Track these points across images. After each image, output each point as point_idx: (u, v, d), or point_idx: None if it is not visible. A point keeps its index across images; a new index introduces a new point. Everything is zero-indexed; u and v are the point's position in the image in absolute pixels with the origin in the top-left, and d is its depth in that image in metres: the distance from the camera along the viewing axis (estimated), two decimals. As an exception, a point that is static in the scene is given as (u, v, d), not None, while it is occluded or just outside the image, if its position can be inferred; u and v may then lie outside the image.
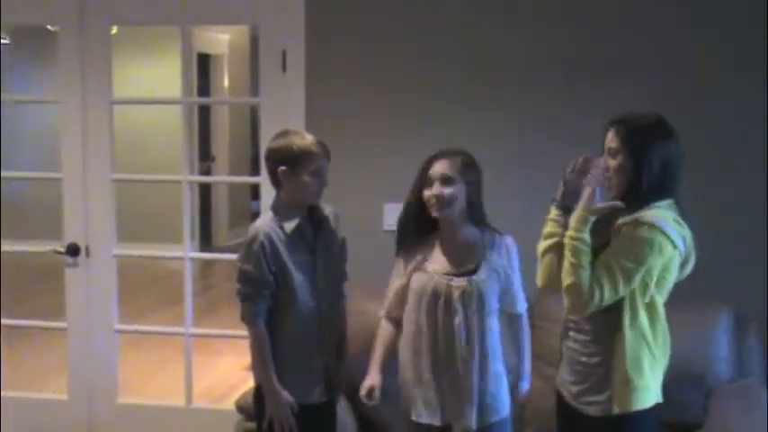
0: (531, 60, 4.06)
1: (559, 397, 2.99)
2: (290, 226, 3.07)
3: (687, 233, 2.76)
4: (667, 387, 2.93)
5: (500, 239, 3.09)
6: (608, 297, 2.69)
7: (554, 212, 2.90)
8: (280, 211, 3.11)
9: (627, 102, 3.83)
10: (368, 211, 4.19)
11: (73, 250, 4.46)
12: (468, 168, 3.05)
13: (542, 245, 2.92)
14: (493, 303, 3.04)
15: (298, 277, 3.08)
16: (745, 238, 3.94)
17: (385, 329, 3.23)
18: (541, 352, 3.74)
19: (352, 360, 3.61)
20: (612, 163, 2.78)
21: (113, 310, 4.55)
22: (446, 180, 3.01)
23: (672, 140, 2.78)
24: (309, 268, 3.11)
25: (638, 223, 2.69)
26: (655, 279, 2.71)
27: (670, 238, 2.68)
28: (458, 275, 3.04)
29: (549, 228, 2.90)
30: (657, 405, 2.81)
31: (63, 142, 4.46)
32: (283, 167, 3.05)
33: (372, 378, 3.16)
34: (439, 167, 3.03)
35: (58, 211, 4.53)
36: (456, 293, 3.01)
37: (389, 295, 3.20)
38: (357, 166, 4.20)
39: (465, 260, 3.06)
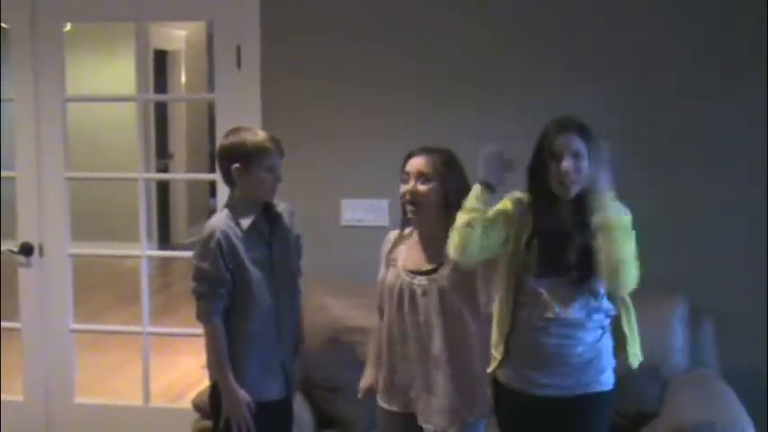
0: (494, 52, 4.06)
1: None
2: (245, 223, 3.06)
3: None
4: (623, 378, 2.97)
5: None
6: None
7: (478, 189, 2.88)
8: (235, 208, 3.10)
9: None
10: (326, 207, 4.18)
11: (26, 250, 4.41)
12: (447, 167, 3.02)
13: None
14: (455, 302, 3.00)
15: (255, 274, 3.06)
16: (699, 229, 3.97)
17: (377, 326, 3.23)
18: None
19: (311, 356, 3.61)
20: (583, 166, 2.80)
21: (68, 310, 4.50)
22: (422, 177, 3.00)
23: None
24: (266, 265, 3.10)
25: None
26: None
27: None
28: (421, 274, 3.04)
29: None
30: None
31: (16, 140, 4.40)
32: (237, 165, 3.03)
33: (367, 379, 3.25)
34: (415, 164, 3.02)
35: (12, 210, 4.48)
36: (418, 292, 3.02)
37: (378, 286, 3.20)
38: (314, 162, 4.18)
39: (432, 258, 3.05)
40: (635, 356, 2.92)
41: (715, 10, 3.90)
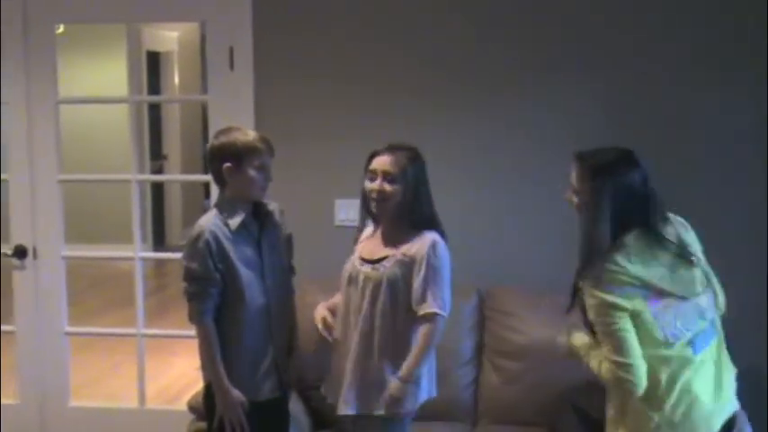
0: (488, 55, 4.06)
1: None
2: (234, 222, 3.06)
3: (639, 267, 2.72)
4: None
5: (425, 234, 3.06)
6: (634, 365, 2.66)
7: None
8: (224, 208, 3.10)
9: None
10: (319, 206, 4.18)
11: (20, 252, 4.40)
12: (411, 166, 3.05)
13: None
14: (389, 292, 3.04)
15: (245, 273, 3.06)
16: (696, 227, 3.95)
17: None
18: (492, 343, 3.78)
19: (305, 355, 3.60)
20: (575, 200, 2.82)
21: (63, 313, 4.50)
22: (388, 176, 3.04)
23: (625, 176, 2.77)
24: (256, 264, 3.10)
25: (585, 283, 2.72)
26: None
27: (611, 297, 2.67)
28: (370, 262, 3.10)
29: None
30: None
31: (8, 143, 4.39)
32: (228, 164, 3.03)
33: (319, 310, 3.26)
34: (381, 162, 3.05)
35: (5, 213, 4.47)
36: (361, 277, 3.09)
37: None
38: (308, 162, 4.19)
39: (384, 250, 3.10)
40: None
41: (715, 10, 3.90)
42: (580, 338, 2.85)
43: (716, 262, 3.95)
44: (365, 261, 3.12)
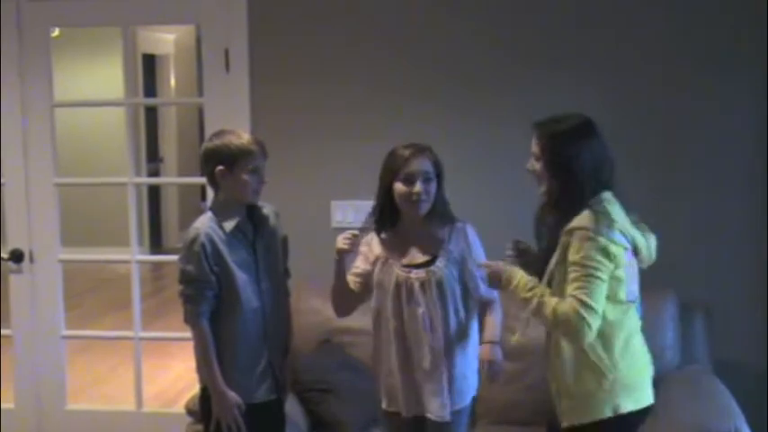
0: (479, 50, 4.06)
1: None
2: (229, 225, 3.06)
3: (623, 220, 2.76)
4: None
5: (456, 227, 3.10)
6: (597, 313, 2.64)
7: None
8: (219, 211, 3.10)
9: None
10: (315, 208, 4.18)
11: (16, 256, 4.39)
12: (438, 164, 3.08)
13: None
14: (454, 290, 3.05)
15: (240, 276, 3.06)
16: (688, 225, 3.98)
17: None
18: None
19: (302, 358, 3.61)
20: (537, 167, 2.82)
21: (59, 316, 4.49)
22: (428, 177, 3.03)
23: (594, 140, 2.78)
24: (251, 267, 3.10)
25: (574, 230, 2.68)
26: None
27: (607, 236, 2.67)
28: (417, 267, 3.06)
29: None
30: None
31: (4, 147, 4.38)
32: (221, 167, 3.03)
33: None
34: (422, 165, 3.03)
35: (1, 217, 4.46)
36: (416, 285, 3.03)
37: (354, 272, 3.17)
38: (304, 165, 4.19)
39: (425, 252, 3.08)
40: None
41: (714, 9, 3.91)
42: (527, 277, 2.80)
43: (716, 261, 3.98)
44: (411, 267, 3.07)
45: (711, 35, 3.90)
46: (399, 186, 3.03)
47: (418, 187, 3.01)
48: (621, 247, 2.70)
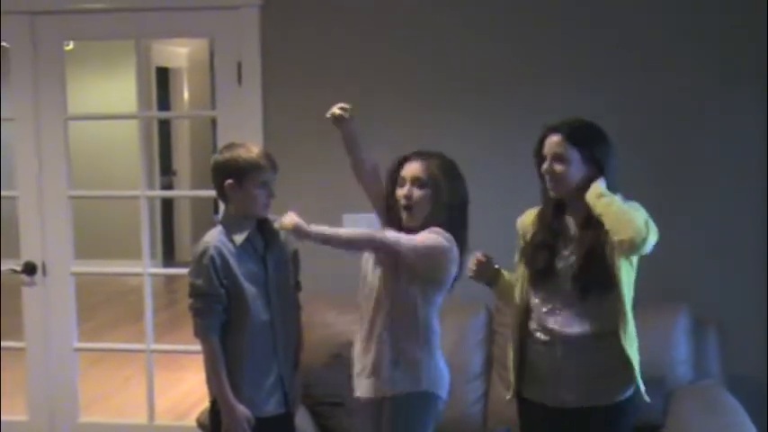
0: (497, 63, 4.07)
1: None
2: (239, 238, 3.06)
3: None
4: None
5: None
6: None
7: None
8: (229, 224, 3.10)
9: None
10: (327, 221, 4.14)
11: (30, 269, 4.41)
12: (442, 173, 3.04)
13: None
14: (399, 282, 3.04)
15: (249, 290, 3.06)
16: (702, 240, 3.97)
17: None
18: (501, 357, 3.76)
19: (314, 372, 3.60)
20: (559, 168, 2.90)
21: (72, 329, 4.50)
22: (417, 182, 3.02)
23: (607, 140, 2.96)
24: (261, 280, 3.10)
25: None
26: None
27: None
28: None
29: None
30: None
31: (18, 160, 4.40)
32: (230, 181, 3.04)
33: None
34: (412, 169, 3.04)
35: (15, 229, 4.48)
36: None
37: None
38: (315, 177, 4.19)
39: None
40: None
41: (715, 10, 3.91)
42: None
43: (716, 261, 3.96)
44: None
45: (712, 35, 3.91)
46: (396, 190, 3.07)
47: (402, 191, 3.02)
48: None
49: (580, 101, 3.89)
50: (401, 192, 3.04)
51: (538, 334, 3.00)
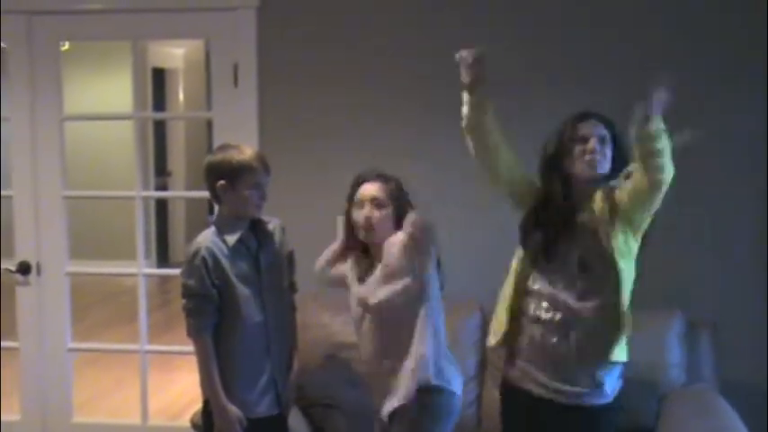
0: (500, 65, 4.04)
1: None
2: (231, 239, 3.07)
3: None
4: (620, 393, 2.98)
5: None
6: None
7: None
8: (221, 225, 3.11)
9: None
10: (322, 223, 4.18)
11: (24, 269, 4.41)
12: (400, 192, 3.11)
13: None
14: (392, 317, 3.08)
15: (242, 291, 3.07)
16: (695, 243, 3.97)
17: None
18: (496, 360, 3.76)
19: (308, 373, 3.60)
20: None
21: (66, 329, 4.50)
22: (376, 202, 3.07)
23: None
24: (254, 281, 3.11)
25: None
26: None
27: None
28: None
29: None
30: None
31: (13, 159, 4.40)
32: (222, 182, 3.05)
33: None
34: (371, 190, 3.10)
35: (10, 229, 4.47)
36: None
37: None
38: (311, 179, 4.19)
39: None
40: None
41: (714, 9, 3.92)
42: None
43: (716, 262, 3.97)
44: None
45: (712, 36, 3.92)
46: (354, 211, 3.13)
47: (362, 212, 3.08)
48: None
49: (579, 100, 3.90)
50: (362, 213, 3.09)
51: (540, 313, 3.03)
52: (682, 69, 3.93)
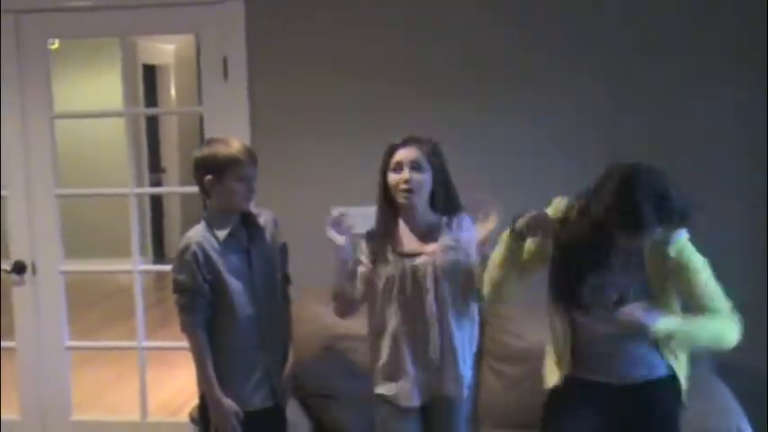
0: (502, 53, 4.07)
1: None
2: (222, 233, 3.07)
3: None
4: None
5: (456, 218, 3.11)
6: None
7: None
8: (212, 219, 3.11)
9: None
10: (315, 215, 4.15)
11: (19, 268, 4.40)
12: (436, 157, 3.08)
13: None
14: (455, 278, 3.06)
15: (234, 284, 3.07)
16: (694, 226, 3.97)
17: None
18: (492, 348, 3.77)
19: (305, 365, 3.61)
20: None
21: (63, 328, 4.50)
22: (415, 166, 3.03)
23: None
24: (246, 275, 3.11)
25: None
26: None
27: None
28: (415, 256, 3.07)
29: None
30: None
31: (4, 159, 4.39)
32: (209, 176, 3.05)
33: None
34: (408, 154, 3.05)
35: (3, 229, 4.47)
36: (421, 273, 3.04)
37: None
38: (305, 171, 4.19)
39: (425, 242, 3.08)
40: None
41: (714, 9, 3.91)
42: (672, 322, 2.92)
43: (716, 262, 3.96)
44: (414, 256, 3.08)
45: (712, 35, 3.92)
46: (390, 176, 3.05)
47: (401, 176, 3.02)
48: None
49: (580, 98, 3.92)
50: (400, 176, 3.04)
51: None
52: (682, 69, 3.95)
